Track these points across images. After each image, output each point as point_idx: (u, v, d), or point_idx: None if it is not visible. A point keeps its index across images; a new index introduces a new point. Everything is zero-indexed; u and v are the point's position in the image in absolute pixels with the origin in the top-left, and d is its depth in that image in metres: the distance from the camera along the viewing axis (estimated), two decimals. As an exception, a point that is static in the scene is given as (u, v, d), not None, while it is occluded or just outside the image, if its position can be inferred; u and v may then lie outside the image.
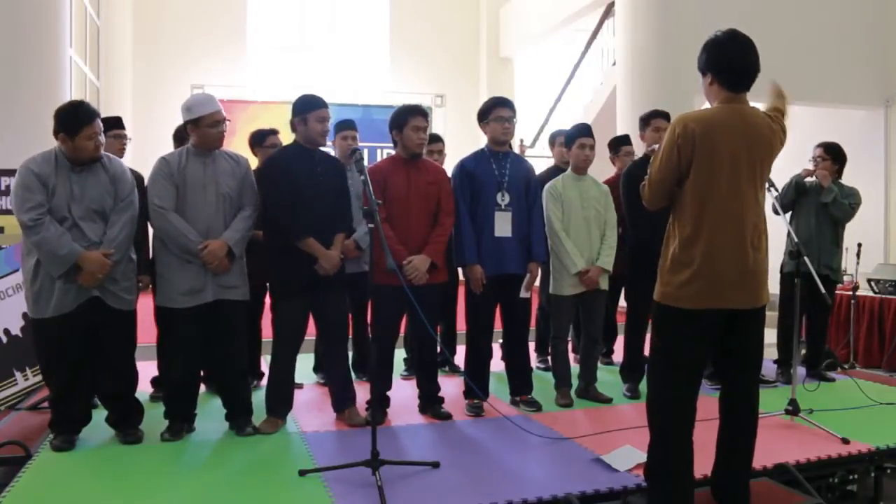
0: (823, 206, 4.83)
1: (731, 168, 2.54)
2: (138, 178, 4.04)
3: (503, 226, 3.96)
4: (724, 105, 2.62)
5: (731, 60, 2.63)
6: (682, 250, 2.58)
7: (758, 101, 2.78)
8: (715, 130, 2.54)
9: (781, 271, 4.88)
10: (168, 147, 4.19)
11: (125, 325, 3.46)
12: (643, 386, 4.35)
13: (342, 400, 3.81)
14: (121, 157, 4.02)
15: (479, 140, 4.18)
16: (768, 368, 4.99)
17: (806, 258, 3.73)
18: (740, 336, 2.65)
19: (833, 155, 4.91)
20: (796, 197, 4.89)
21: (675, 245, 2.61)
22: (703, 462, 2.71)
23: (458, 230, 3.94)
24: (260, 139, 4.50)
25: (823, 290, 3.58)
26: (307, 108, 3.64)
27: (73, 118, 3.27)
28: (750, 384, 2.72)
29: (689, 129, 2.54)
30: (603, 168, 4.94)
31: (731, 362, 2.70)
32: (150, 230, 3.63)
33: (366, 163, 3.41)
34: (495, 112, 4.02)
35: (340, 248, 3.66)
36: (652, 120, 4.33)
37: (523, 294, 4.03)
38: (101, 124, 3.38)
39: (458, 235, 3.95)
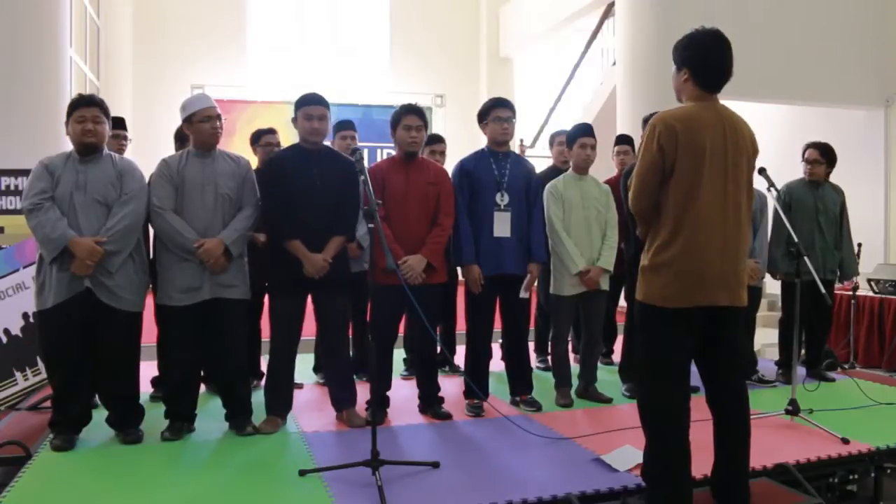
0: (822, 209, 4.83)
1: (713, 165, 2.54)
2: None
3: (502, 226, 3.96)
4: (701, 103, 2.62)
5: (711, 61, 2.63)
6: (664, 249, 2.58)
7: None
8: (697, 128, 2.54)
9: (772, 275, 4.88)
10: (168, 147, 4.21)
11: (127, 326, 3.45)
12: (643, 386, 4.36)
13: (341, 401, 3.81)
14: (120, 158, 4.05)
15: (479, 140, 4.18)
16: (768, 368, 5.00)
17: (806, 258, 3.74)
18: (723, 333, 2.64)
19: (829, 158, 4.91)
20: (791, 202, 4.89)
21: (656, 245, 2.61)
22: (703, 462, 2.71)
23: (457, 230, 3.94)
24: (257, 138, 4.57)
25: (823, 291, 3.59)
26: (299, 105, 3.68)
27: (70, 103, 3.43)
28: (736, 381, 2.71)
29: (670, 127, 2.54)
30: (604, 168, 4.94)
31: (715, 361, 2.68)
32: (151, 231, 3.65)
33: (366, 163, 3.41)
34: (494, 112, 4.02)
35: (333, 251, 3.63)
36: None
37: (522, 294, 4.03)
38: (100, 115, 3.41)
39: (456, 235, 3.96)
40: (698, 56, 2.64)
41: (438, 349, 4.21)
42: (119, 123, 4.13)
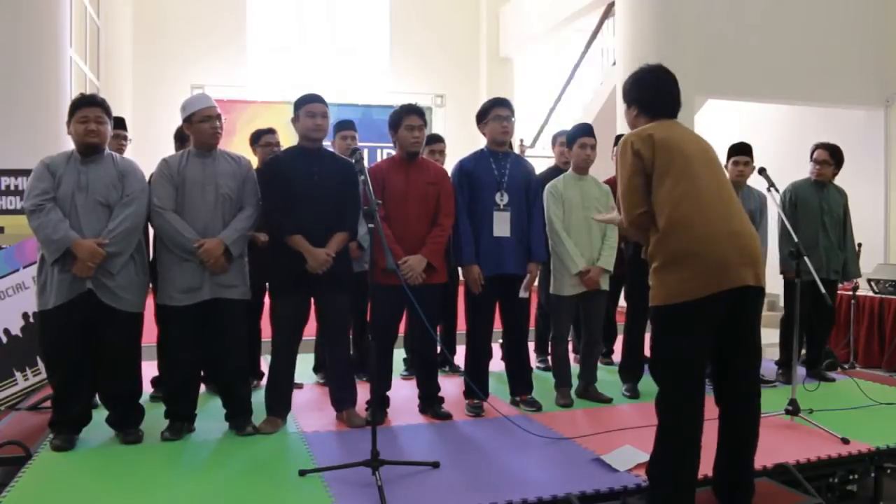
0: (827, 210, 4.83)
1: (695, 160, 2.62)
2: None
3: (502, 226, 3.96)
4: (661, 120, 2.76)
5: (657, 96, 2.80)
6: (670, 245, 2.58)
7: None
8: (669, 133, 2.66)
9: (783, 274, 4.87)
10: (168, 147, 4.21)
11: (128, 327, 3.45)
12: (643, 386, 4.36)
13: (341, 401, 3.81)
14: (120, 157, 4.05)
15: (480, 140, 4.17)
16: (768, 368, 4.99)
17: (806, 258, 3.74)
18: (742, 321, 2.62)
19: (837, 159, 4.91)
20: (796, 201, 4.89)
21: (661, 244, 2.61)
22: (704, 462, 2.70)
23: (457, 230, 3.94)
24: (257, 137, 4.59)
25: (824, 291, 3.59)
26: (300, 103, 3.69)
27: (71, 103, 3.42)
28: (752, 374, 2.70)
29: (645, 136, 2.65)
30: (604, 168, 4.94)
31: (733, 352, 2.66)
32: (151, 231, 3.65)
33: (366, 163, 3.42)
34: (493, 112, 4.02)
35: (336, 247, 3.64)
36: None
37: (522, 294, 4.03)
38: (102, 115, 3.40)
39: (456, 235, 3.95)
40: (644, 93, 2.81)
41: (438, 349, 4.21)
42: (119, 123, 4.13)
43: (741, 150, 4.65)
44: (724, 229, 2.56)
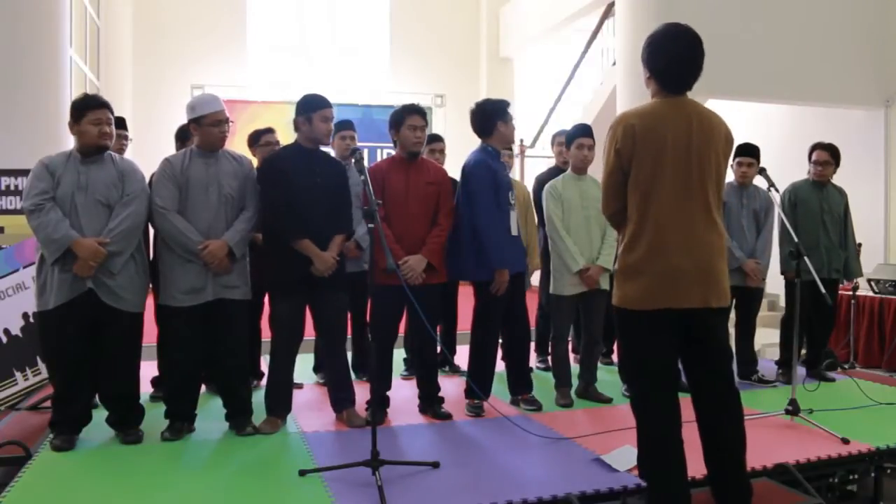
0: (827, 209, 4.83)
1: (675, 162, 2.51)
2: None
3: (514, 225, 3.99)
4: (666, 99, 2.60)
5: (667, 64, 2.60)
6: (630, 252, 2.57)
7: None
8: (657, 124, 2.53)
9: (784, 274, 4.87)
10: (168, 147, 4.21)
11: (129, 327, 3.45)
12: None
13: (340, 401, 3.81)
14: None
15: (479, 141, 4.15)
16: (768, 368, 5.00)
17: (806, 258, 3.74)
18: (704, 336, 2.60)
19: (836, 159, 4.91)
20: (796, 201, 4.89)
21: (623, 247, 2.61)
22: (700, 461, 2.70)
23: (486, 233, 3.79)
24: (256, 138, 4.58)
25: (823, 290, 3.59)
26: (312, 107, 3.63)
27: (80, 103, 3.40)
28: (722, 375, 2.65)
29: (628, 126, 2.53)
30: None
31: (699, 361, 2.64)
32: (151, 231, 3.65)
33: (366, 163, 3.42)
34: (508, 114, 4.01)
35: (338, 249, 3.64)
36: None
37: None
38: (111, 117, 3.42)
39: (484, 239, 3.79)
40: (654, 58, 2.63)
41: (438, 349, 4.20)
42: (120, 123, 4.12)
43: (745, 152, 4.66)
44: (679, 247, 2.51)
